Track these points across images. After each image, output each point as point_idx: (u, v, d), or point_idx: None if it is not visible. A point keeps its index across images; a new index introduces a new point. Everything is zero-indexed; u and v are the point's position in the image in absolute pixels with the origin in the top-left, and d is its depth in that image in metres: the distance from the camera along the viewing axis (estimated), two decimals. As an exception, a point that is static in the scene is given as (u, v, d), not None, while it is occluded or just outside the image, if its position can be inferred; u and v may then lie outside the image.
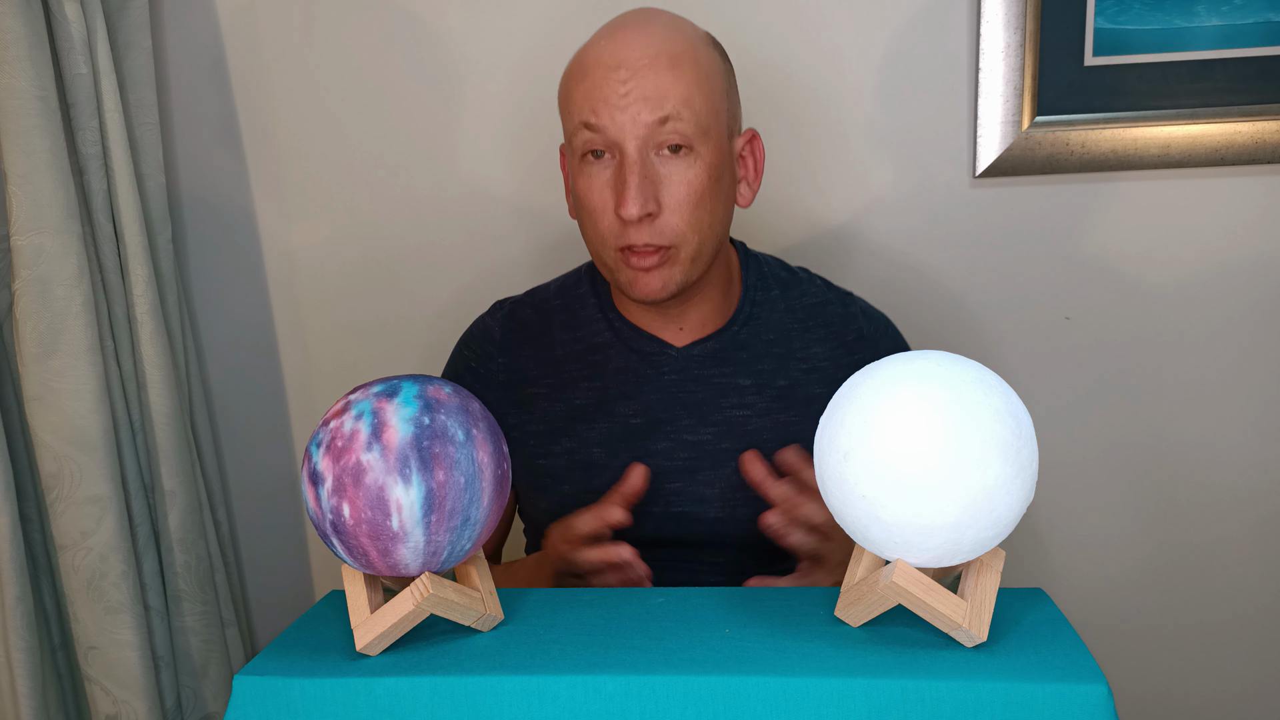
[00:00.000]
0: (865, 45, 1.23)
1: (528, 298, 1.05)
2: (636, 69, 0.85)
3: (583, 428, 0.97)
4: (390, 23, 1.27)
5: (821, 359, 0.98)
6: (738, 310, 0.99)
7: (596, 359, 0.99)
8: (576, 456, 0.97)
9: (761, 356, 0.98)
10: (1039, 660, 0.61)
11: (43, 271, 1.08)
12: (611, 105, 0.86)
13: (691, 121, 0.86)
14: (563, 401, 0.98)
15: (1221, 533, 1.32)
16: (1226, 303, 1.26)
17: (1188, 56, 1.18)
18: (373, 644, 0.66)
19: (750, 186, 0.96)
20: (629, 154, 0.86)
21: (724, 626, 0.68)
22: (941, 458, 0.59)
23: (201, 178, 1.34)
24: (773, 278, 1.01)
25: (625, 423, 0.96)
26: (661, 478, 0.95)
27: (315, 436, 0.66)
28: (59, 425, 1.11)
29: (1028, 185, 1.25)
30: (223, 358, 1.39)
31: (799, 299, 1.01)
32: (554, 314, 1.02)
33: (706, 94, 0.87)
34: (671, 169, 0.87)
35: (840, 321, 1.00)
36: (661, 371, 0.97)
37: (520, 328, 1.02)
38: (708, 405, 0.96)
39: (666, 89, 0.85)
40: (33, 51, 1.05)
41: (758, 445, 0.95)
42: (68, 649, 1.23)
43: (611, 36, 0.88)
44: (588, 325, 1.00)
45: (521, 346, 1.01)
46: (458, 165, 1.31)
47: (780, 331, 0.99)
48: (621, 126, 0.86)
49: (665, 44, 0.87)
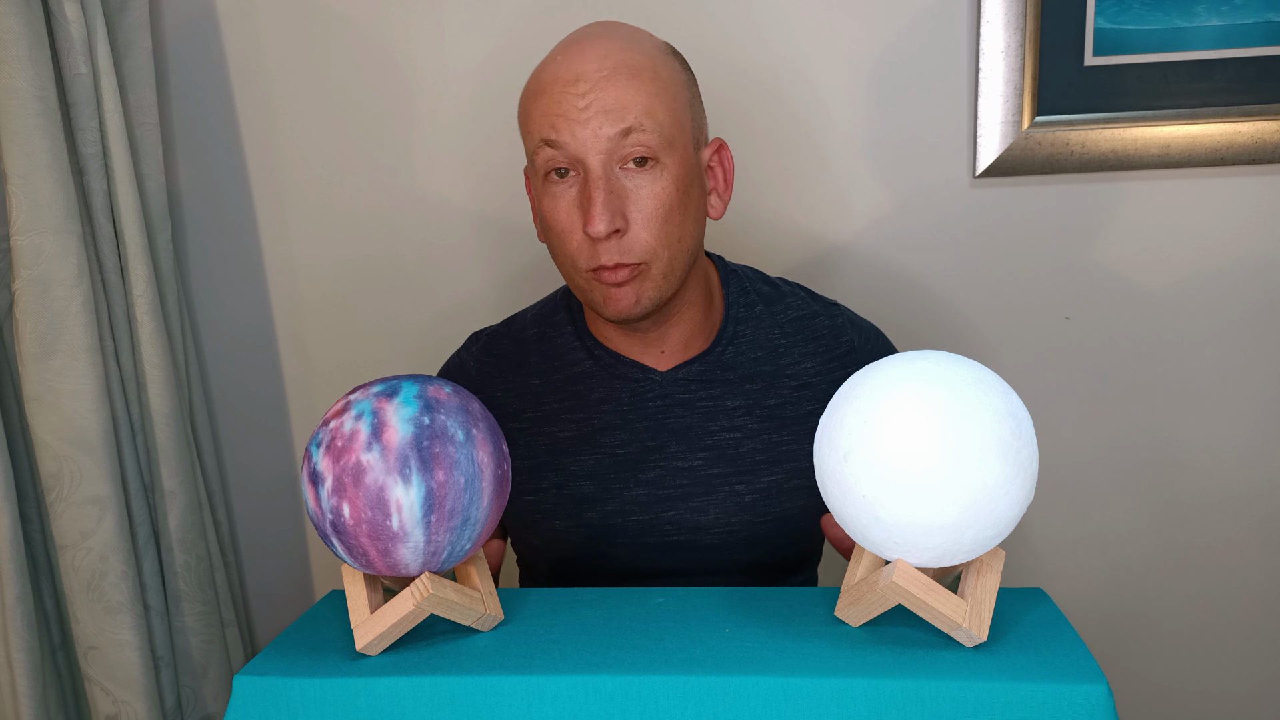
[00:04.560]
0: (865, 46, 1.23)
1: (504, 328, 1.02)
2: (595, 81, 0.82)
3: (568, 461, 0.94)
4: (390, 21, 1.27)
5: (812, 374, 0.95)
6: (721, 329, 0.95)
7: (577, 389, 0.95)
8: (565, 491, 0.94)
9: (749, 376, 0.94)
10: (1039, 660, 0.61)
11: (43, 271, 1.08)
12: (572, 120, 0.82)
13: (655, 132, 0.83)
14: (544, 435, 0.95)
15: (1221, 533, 1.32)
16: (1226, 303, 1.26)
17: (1188, 56, 1.18)
18: (373, 644, 0.66)
19: (721, 197, 0.92)
20: (593, 170, 0.83)
21: (724, 626, 0.68)
22: (941, 458, 0.59)
23: (201, 178, 1.34)
24: (755, 293, 0.98)
25: (612, 454, 0.93)
26: (654, 508, 0.93)
27: (315, 436, 0.66)
28: (59, 425, 1.11)
29: (1028, 185, 1.25)
30: (223, 358, 1.39)
31: (784, 313, 0.97)
32: (529, 344, 0.99)
33: (668, 105, 0.84)
34: (638, 183, 0.84)
35: (829, 334, 0.97)
36: (647, 399, 0.94)
37: (496, 360, 0.99)
38: (696, 430, 0.93)
39: (628, 100, 0.82)
40: (33, 51, 1.05)
41: (751, 468, 0.93)
42: (68, 649, 1.23)
43: (567, 51, 0.86)
44: (566, 355, 0.97)
45: (498, 381, 0.98)
46: (458, 165, 1.31)
47: (767, 349, 0.95)
48: (583, 142, 0.82)
49: (624, 55, 0.84)
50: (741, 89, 1.24)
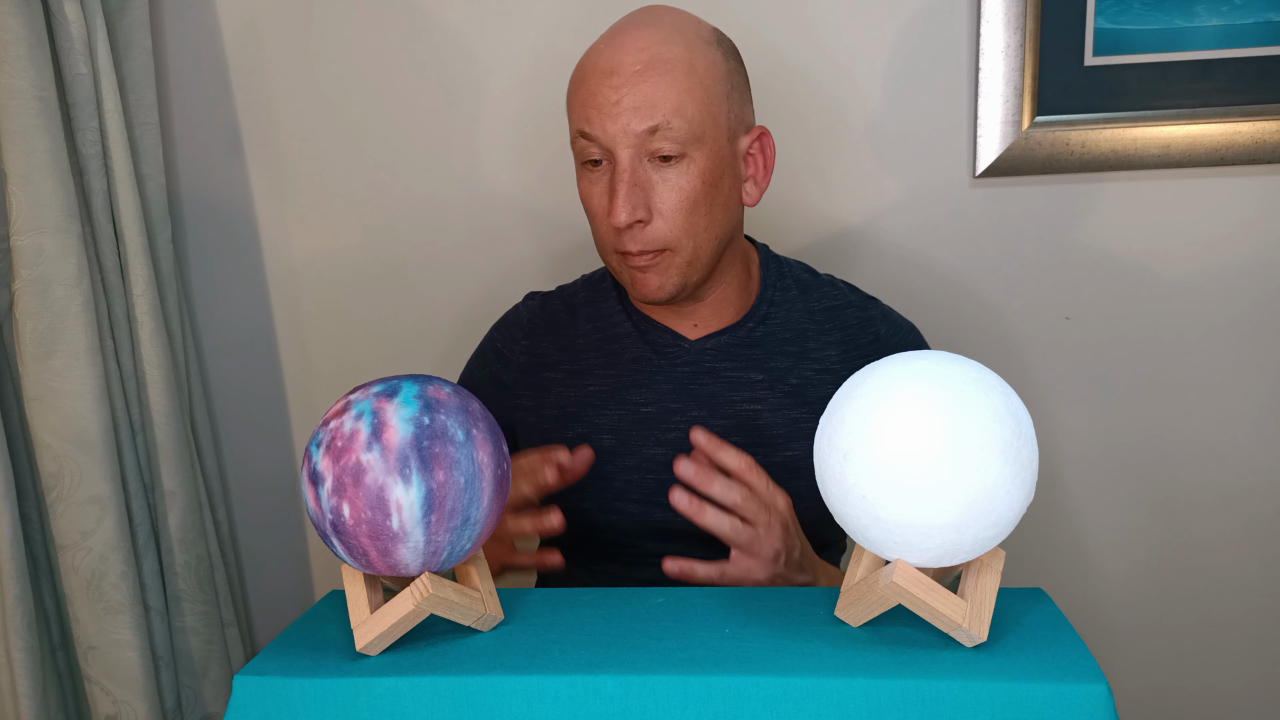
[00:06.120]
0: (865, 45, 1.23)
1: (557, 292, 1.07)
2: (627, 76, 0.85)
3: (594, 414, 0.98)
4: (391, 21, 1.27)
5: (834, 361, 0.98)
6: (754, 308, 0.99)
7: (613, 348, 1.00)
8: (587, 442, 0.97)
9: (775, 354, 0.98)
10: (1039, 660, 0.61)
11: (43, 271, 1.08)
12: (604, 114, 0.86)
13: (683, 130, 0.85)
14: (576, 387, 0.99)
15: (1221, 532, 1.32)
16: (1226, 302, 1.26)
17: (1188, 56, 1.18)
18: (373, 644, 0.66)
19: (758, 185, 0.95)
20: (620, 162, 0.87)
21: (724, 626, 0.68)
22: (941, 458, 0.59)
23: (201, 178, 1.34)
24: (793, 279, 1.02)
25: (636, 410, 0.97)
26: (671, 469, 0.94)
27: (315, 436, 0.66)
28: (59, 425, 1.11)
29: (1028, 185, 1.25)
30: (223, 358, 1.39)
31: (818, 301, 1.01)
32: (580, 306, 1.04)
33: (700, 99, 0.86)
34: (664, 175, 0.87)
35: (857, 325, 1.00)
36: (674, 363, 0.98)
37: (548, 317, 1.04)
38: (719, 399, 0.96)
39: (657, 98, 0.85)
40: (33, 51, 1.05)
41: (768, 440, 0.95)
42: (68, 649, 1.23)
43: (610, 40, 0.88)
44: (608, 316, 1.02)
45: (546, 334, 1.03)
46: (458, 165, 1.31)
47: (796, 331, 0.99)
48: (613, 136, 0.86)
49: (660, 48, 0.86)
50: (741, 89, 1.24)
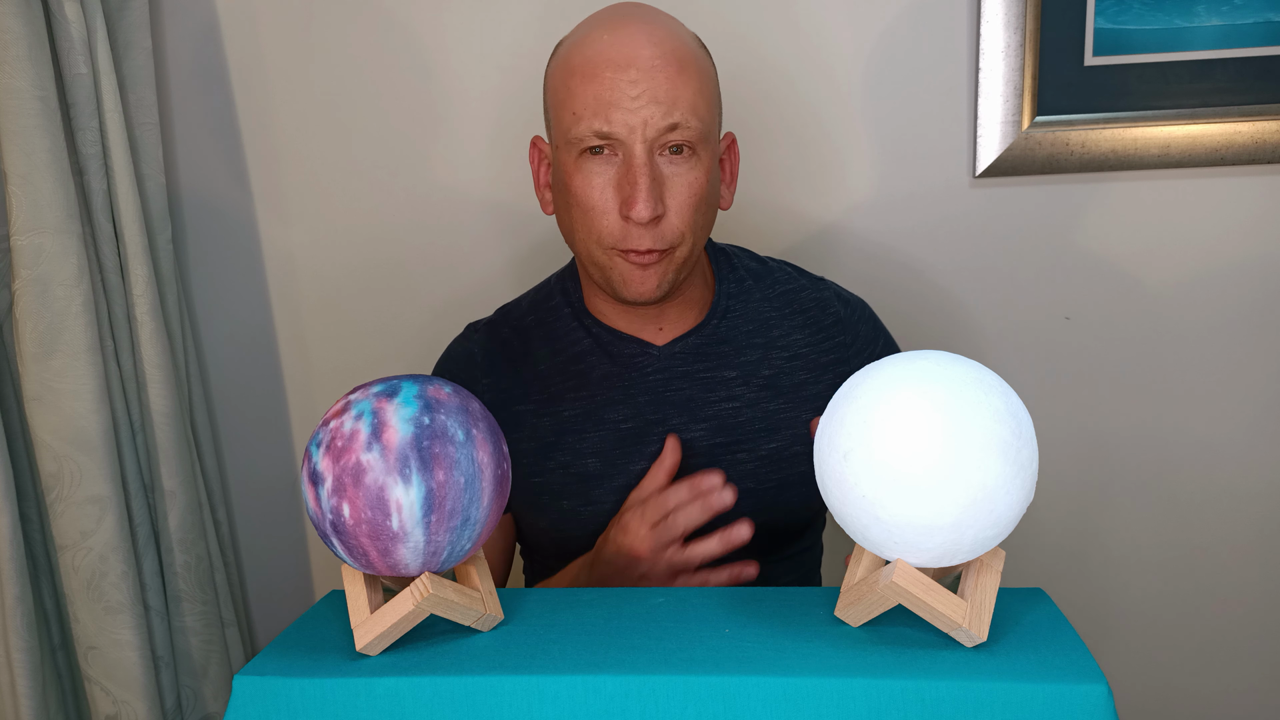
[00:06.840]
0: (865, 45, 1.23)
1: (500, 317, 1.03)
2: (646, 69, 0.84)
3: (574, 440, 0.95)
4: (388, 23, 1.27)
5: (801, 345, 0.98)
6: (714, 304, 0.98)
7: (578, 369, 0.97)
8: (572, 470, 0.95)
9: (744, 348, 0.97)
10: (1039, 660, 0.61)
11: (43, 271, 1.08)
12: (624, 109, 0.83)
13: (697, 126, 0.85)
14: (551, 415, 0.96)
15: (1221, 532, 1.32)
16: (1226, 303, 1.26)
17: (1188, 56, 1.18)
18: (373, 644, 0.66)
19: (729, 189, 0.96)
20: (637, 155, 0.84)
21: (724, 626, 0.68)
22: (941, 458, 0.59)
23: (201, 178, 1.34)
24: (744, 269, 1.01)
25: (616, 429, 0.95)
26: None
27: (315, 436, 0.66)
28: (59, 425, 1.11)
29: (1028, 185, 1.25)
30: (223, 358, 1.39)
31: (772, 288, 1.00)
32: (530, 330, 1.00)
33: (708, 98, 0.87)
34: (676, 170, 0.86)
35: (816, 307, 1.00)
36: (646, 373, 0.96)
37: (501, 346, 1.00)
38: (696, 401, 0.95)
39: (677, 93, 0.84)
40: (33, 51, 1.05)
41: (751, 436, 0.95)
42: (68, 649, 1.23)
43: (615, 31, 0.86)
44: (565, 336, 0.98)
45: (505, 367, 0.99)
46: (458, 165, 1.31)
47: (759, 322, 0.98)
48: (632, 129, 0.84)
49: (672, 44, 0.86)
50: (740, 87, 1.24)
